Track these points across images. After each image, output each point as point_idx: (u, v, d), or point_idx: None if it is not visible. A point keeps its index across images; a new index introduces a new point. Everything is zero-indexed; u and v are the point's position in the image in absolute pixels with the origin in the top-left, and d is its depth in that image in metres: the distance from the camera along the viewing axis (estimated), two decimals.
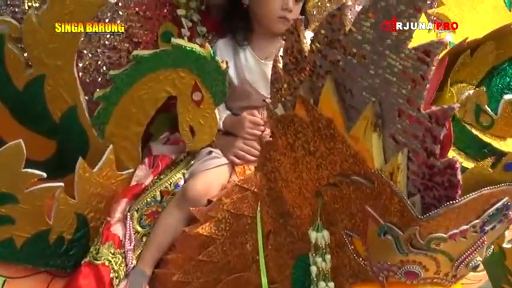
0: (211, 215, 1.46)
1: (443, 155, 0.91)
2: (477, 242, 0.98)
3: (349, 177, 1.02)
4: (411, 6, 0.83)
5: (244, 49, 1.71)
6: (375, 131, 0.96)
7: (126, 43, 1.83)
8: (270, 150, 1.21)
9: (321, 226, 1.10)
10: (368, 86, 0.95)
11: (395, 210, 0.96)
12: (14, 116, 1.53)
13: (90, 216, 1.60)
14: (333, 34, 0.97)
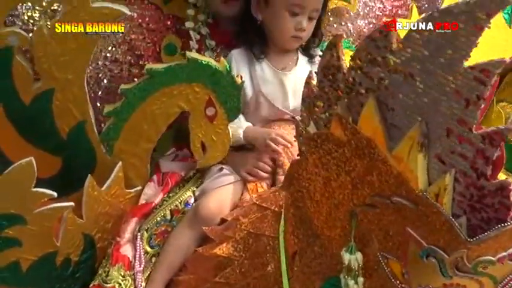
0: (228, 235, 1.42)
1: (494, 177, 0.90)
2: None
3: (390, 198, 1.00)
4: (472, 25, 0.82)
5: (260, 61, 1.71)
6: (420, 152, 0.94)
7: (129, 56, 1.82)
8: (299, 169, 1.19)
9: (355, 248, 1.08)
10: (414, 105, 0.94)
11: (440, 233, 0.95)
12: (19, 132, 1.50)
13: (97, 236, 1.58)
14: (378, 51, 0.96)
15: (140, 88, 1.50)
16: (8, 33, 1.39)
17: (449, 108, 0.89)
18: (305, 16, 1.64)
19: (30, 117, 1.48)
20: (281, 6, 1.63)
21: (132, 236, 1.56)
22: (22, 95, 1.46)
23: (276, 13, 1.65)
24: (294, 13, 1.63)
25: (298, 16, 1.64)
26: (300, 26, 1.64)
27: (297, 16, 1.64)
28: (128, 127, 1.55)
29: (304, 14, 1.64)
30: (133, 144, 1.58)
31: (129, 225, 1.56)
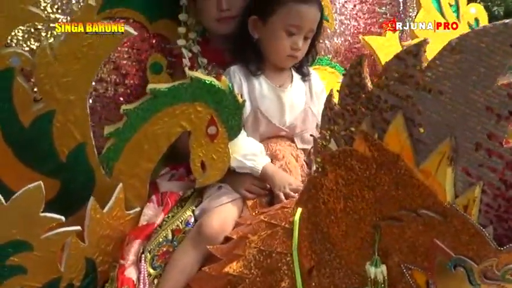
0: (237, 253, 1.43)
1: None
2: None
3: (416, 211, 1.05)
4: (508, 44, 0.88)
5: (257, 77, 1.74)
6: (449, 166, 1.00)
7: (114, 75, 1.83)
8: (317, 185, 1.22)
9: (379, 261, 1.13)
10: (442, 121, 1.00)
11: (469, 243, 1.00)
12: (17, 155, 1.47)
13: (98, 260, 1.57)
14: (406, 70, 1.02)
15: (143, 108, 1.51)
16: (10, 54, 1.37)
17: (479, 123, 0.96)
18: (301, 36, 1.71)
19: (28, 140, 1.47)
20: (279, 26, 1.68)
21: (136, 258, 1.56)
22: (21, 117, 1.45)
23: (274, 33, 1.70)
24: (291, 33, 1.69)
25: (295, 36, 1.70)
26: (296, 46, 1.70)
27: (294, 36, 1.70)
28: (128, 147, 1.55)
29: (300, 34, 1.70)
30: (133, 165, 1.58)
31: (132, 247, 1.56)
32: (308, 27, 1.72)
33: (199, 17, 1.87)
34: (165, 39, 1.93)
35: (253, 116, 1.72)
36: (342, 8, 2.27)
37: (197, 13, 1.86)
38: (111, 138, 1.54)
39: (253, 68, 1.74)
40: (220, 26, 1.81)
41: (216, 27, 1.83)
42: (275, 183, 1.63)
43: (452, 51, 0.95)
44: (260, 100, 1.73)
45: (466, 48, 0.94)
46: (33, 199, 1.36)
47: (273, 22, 1.70)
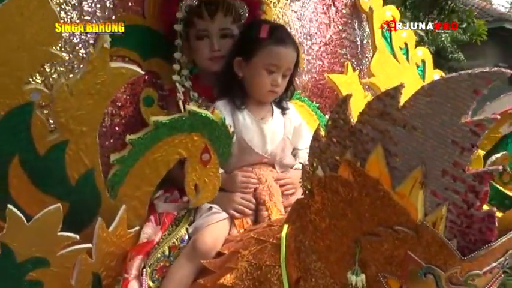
0: (230, 266, 1.45)
1: (481, 207, 1.04)
2: (497, 275, 1.12)
3: (392, 227, 1.11)
4: (471, 90, 0.97)
5: (242, 111, 1.77)
6: (421, 189, 1.07)
7: (110, 106, 1.81)
8: (305, 206, 1.28)
9: (359, 270, 1.18)
10: (414, 152, 1.07)
11: (437, 254, 1.06)
12: (31, 180, 1.47)
13: (103, 274, 1.56)
14: (385, 108, 1.08)
15: (147, 138, 1.52)
16: (31, 90, 1.38)
17: (446, 154, 1.03)
18: (280, 74, 1.75)
19: (43, 167, 1.47)
20: (260, 65, 1.73)
21: (138, 273, 1.55)
22: (38, 146, 1.44)
23: (256, 71, 1.75)
24: (271, 71, 1.74)
25: (274, 74, 1.74)
26: (276, 83, 1.74)
27: (273, 74, 1.74)
28: (132, 173, 1.55)
29: (279, 72, 1.75)
30: (135, 189, 1.58)
31: (135, 262, 1.55)
32: (286, 66, 1.76)
33: (192, 56, 1.91)
34: (157, 75, 1.95)
35: (238, 145, 1.73)
36: (309, 49, 2.32)
37: (190, 52, 1.90)
38: (117, 165, 1.53)
39: (238, 103, 1.77)
40: (212, 64, 1.86)
41: (208, 65, 1.86)
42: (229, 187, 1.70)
43: (424, 94, 1.03)
44: (244, 131, 1.74)
45: (436, 92, 1.02)
46: (52, 220, 1.37)
47: (255, 62, 1.74)
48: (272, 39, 1.74)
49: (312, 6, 2.34)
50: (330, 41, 2.41)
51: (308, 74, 2.33)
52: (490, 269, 1.08)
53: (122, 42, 1.84)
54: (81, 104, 1.43)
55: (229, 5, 1.86)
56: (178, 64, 1.87)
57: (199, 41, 1.86)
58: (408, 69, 2.40)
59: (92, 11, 1.78)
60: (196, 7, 1.84)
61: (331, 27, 2.40)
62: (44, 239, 1.39)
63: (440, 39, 9.61)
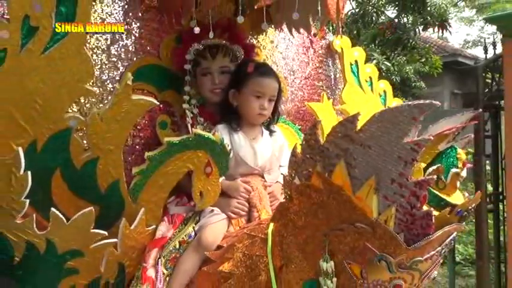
0: (227, 256, 1.49)
1: (421, 208, 1.10)
2: (436, 261, 1.18)
3: (353, 224, 1.16)
4: (411, 117, 1.04)
5: (237, 132, 1.81)
6: (375, 194, 1.12)
7: (132, 129, 1.82)
8: (286, 208, 1.31)
9: (328, 258, 1.21)
10: (369, 165, 1.12)
11: (388, 245, 1.11)
12: (70, 189, 1.50)
13: (126, 263, 1.57)
14: (346, 131, 1.13)
15: (161, 154, 1.55)
16: (70, 118, 1.41)
17: (393, 166, 1.09)
18: (266, 99, 1.80)
19: (79, 178, 1.49)
20: (249, 93, 1.78)
21: (154, 262, 1.57)
22: (75, 162, 1.47)
23: (246, 98, 1.80)
24: (258, 97, 1.78)
25: (261, 99, 1.79)
26: (263, 106, 1.79)
27: (260, 99, 1.79)
28: (149, 183, 1.56)
29: (265, 98, 1.79)
30: (152, 195, 1.59)
31: (151, 254, 1.58)
32: (270, 93, 1.80)
33: (198, 89, 1.94)
34: (170, 105, 1.98)
35: (234, 159, 1.76)
36: (292, 82, 2.37)
37: (197, 86, 1.93)
38: (137, 176, 1.55)
39: (234, 126, 1.81)
40: (213, 95, 1.89)
41: (210, 96, 1.90)
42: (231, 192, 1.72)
43: (376, 121, 1.09)
44: (239, 149, 1.77)
45: (385, 119, 1.08)
46: (86, 220, 1.40)
47: (245, 91, 1.79)
48: (257, 73, 1.80)
49: (294, 48, 2.39)
50: (309, 75, 2.45)
51: (292, 102, 2.37)
52: (430, 256, 1.14)
53: (142, 78, 1.89)
54: (109, 128, 1.45)
55: (227, 48, 1.92)
56: (188, 95, 1.91)
57: (203, 76, 1.90)
58: (372, 98, 2.44)
59: (118, 54, 1.84)
60: (202, 50, 1.89)
61: (310, 65, 2.45)
62: (79, 235, 1.41)
63: (405, 71, 9.65)
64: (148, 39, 1.94)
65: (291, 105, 2.37)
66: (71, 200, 1.49)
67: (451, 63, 12.78)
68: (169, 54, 1.95)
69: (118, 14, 1.88)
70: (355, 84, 2.42)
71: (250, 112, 1.81)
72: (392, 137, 1.08)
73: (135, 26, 1.91)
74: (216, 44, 1.89)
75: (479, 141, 4.16)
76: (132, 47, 1.89)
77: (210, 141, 1.58)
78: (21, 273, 1.41)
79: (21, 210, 1.32)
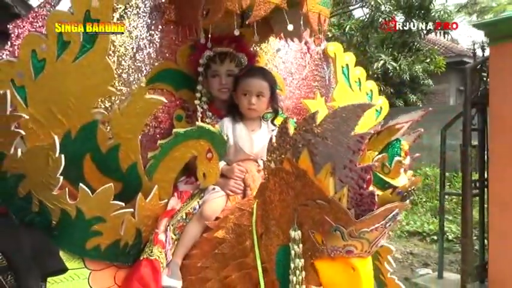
0: (222, 226, 1.58)
1: (367, 188, 1.17)
2: (382, 232, 1.24)
3: (315, 201, 1.22)
4: (355, 115, 1.12)
5: (239, 124, 1.86)
6: (331, 176, 1.19)
7: (153, 122, 1.93)
8: (265, 187, 1.37)
9: (297, 228, 1.28)
10: (326, 153, 1.18)
11: (341, 218, 1.18)
12: (98, 169, 1.58)
13: (143, 229, 1.64)
14: (308, 125, 1.20)
15: (170, 142, 1.62)
16: (96, 113, 1.51)
17: (345, 154, 1.15)
18: (253, 96, 1.83)
19: (105, 160, 1.57)
20: (240, 92, 1.85)
21: (164, 229, 1.65)
22: (101, 148, 1.55)
23: (238, 96, 1.86)
24: (245, 94, 1.84)
25: (248, 96, 1.84)
26: (250, 102, 1.83)
27: (247, 96, 1.84)
28: (161, 165, 1.64)
29: (251, 95, 1.83)
30: (164, 175, 1.66)
31: (162, 222, 1.66)
32: (255, 90, 1.83)
33: (208, 88, 2.00)
34: (185, 101, 2.04)
35: (234, 147, 1.82)
36: (291, 83, 2.39)
37: (207, 86, 1.99)
38: (152, 159, 1.63)
39: (236, 119, 1.87)
40: (221, 94, 1.95)
41: (218, 95, 1.96)
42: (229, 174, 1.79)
43: (330, 117, 1.16)
44: (239, 138, 1.83)
45: (337, 116, 1.15)
46: (107, 193, 1.49)
47: (238, 91, 1.86)
48: (244, 75, 1.86)
49: (293, 54, 2.40)
50: (306, 76, 2.46)
51: (290, 100, 2.39)
52: (375, 227, 1.20)
53: (162, 80, 1.96)
54: (128, 121, 1.54)
55: (233, 55, 1.98)
56: (200, 93, 1.97)
57: (212, 78, 1.96)
58: (360, 96, 2.44)
59: (142, 59, 1.89)
60: (213, 56, 1.96)
61: (307, 67, 2.46)
62: (102, 205, 1.49)
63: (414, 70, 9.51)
64: (167, 47, 2.00)
65: (289, 102, 2.40)
66: (99, 178, 1.58)
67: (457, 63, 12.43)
68: (184, 60, 2.02)
69: (143, 27, 1.94)
70: (345, 85, 2.42)
71: (242, 108, 1.86)
72: (342, 131, 1.15)
73: (157, 37, 1.98)
74: (225, 51, 1.97)
75: (467, 133, 4.13)
76: (154, 54, 1.95)
77: (210, 131, 1.65)
78: (57, 233, 1.50)
79: (57, 184, 1.41)
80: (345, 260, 1.25)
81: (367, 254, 1.27)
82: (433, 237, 5.77)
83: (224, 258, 1.56)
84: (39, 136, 1.47)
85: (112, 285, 1.62)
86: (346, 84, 2.44)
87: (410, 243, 5.88)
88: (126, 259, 1.65)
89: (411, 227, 6.26)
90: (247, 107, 1.86)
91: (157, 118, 1.96)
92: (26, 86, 1.44)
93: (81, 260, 1.57)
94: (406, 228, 6.25)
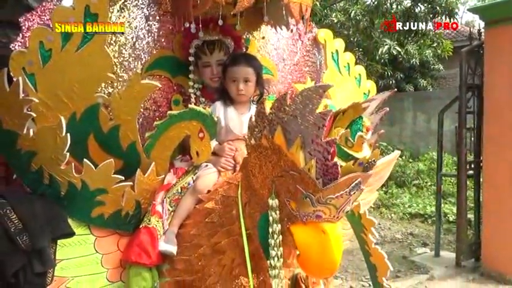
0: (212, 197, 1.70)
1: (332, 160, 1.29)
2: (347, 199, 1.35)
3: (288, 172, 1.34)
4: (318, 94, 1.25)
5: (230, 107, 1.96)
6: (301, 150, 1.30)
7: (153, 105, 2.11)
8: (247, 161, 1.49)
9: (274, 197, 1.39)
10: (297, 129, 1.30)
11: (311, 186, 1.29)
12: (101, 147, 1.70)
13: (142, 201, 1.75)
14: (281, 105, 1.32)
15: (165, 123, 1.73)
16: (98, 97, 1.63)
17: (312, 130, 1.26)
18: (240, 82, 1.94)
19: (107, 139, 1.68)
20: (228, 79, 1.97)
21: (161, 201, 1.76)
22: (103, 128, 1.66)
23: (227, 83, 1.98)
24: (233, 81, 1.96)
25: (236, 82, 1.95)
26: (238, 87, 1.94)
27: (235, 82, 1.95)
28: (157, 143, 1.74)
29: (239, 81, 1.94)
30: (161, 152, 1.75)
31: (159, 194, 1.77)
32: (242, 76, 1.93)
33: (201, 76, 2.13)
34: (182, 86, 2.18)
35: (225, 128, 1.93)
36: (283, 68, 2.49)
37: (200, 74, 2.12)
38: (149, 138, 1.73)
39: (227, 103, 1.98)
40: (212, 82, 2.09)
41: (210, 83, 2.09)
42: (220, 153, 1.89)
43: (298, 96, 1.27)
44: (229, 120, 1.94)
45: (303, 96, 1.26)
46: (108, 168, 1.61)
47: (226, 79, 1.97)
48: (230, 63, 1.97)
49: (284, 41, 2.50)
50: (297, 62, 2.55)
51: (282, 84, 2.48)
52: (340, 195, 1.32)
53: (160, 67, 2.11)
54: (126, 104, 1.66)
55: (221, 43, 2.09)
56: (192, 81, 2.11)
57: (204, 68, 2.09)
58: (349, 80, 2.55)
59: (141, 48, 2.05)
60: (201, 46, 2.07)
61: (298, 54, 2.55)
62: (104, 178, 1.61)
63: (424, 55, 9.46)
64: (165, 36, 2.13)
65: (281, 86, 2.49)
66: (102, 155, 1.70)
67: None
68: (179, 48, 2.15)
69: (141, 18, 2.08)
70: (334, 69, 2.52)
71: (232, 93, 1.99)
72: (308, 109, 1.27)
73: (154, 27, 2.12)
74: (213, 40, 2.08)
75: (462, 116, 4.21)
76: (152, 42, 2.09)
77: (201, 113, 1.77)
78: (66, 202, 1.62)
79: (64, 160, 1.54)
80: (315, 225, 1.36)
81: (336, 219, 1.38)
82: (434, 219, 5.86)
83: (214, 226, 1.67)
84: (48, 118, 1.59)
85: (115, 250, 1.75)
86: (336, 69, 2.54)
87: (411, 224, 6.00)
88: (128, 227, 1.77)
89: (413, 209, 6.36)
90: (236, 93, 1.98)
91: (157, 102, 2.12)
92: (36, 73, 1.56)
93: (87, 227, 1.69)
94: (408, 211, 6.36)
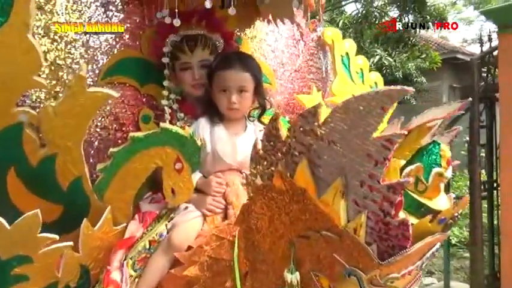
0: (194, 260, 1.24)
1: (396, 215, 0.82)
2: (416, 276, 0.90)
3: (319, 232, 0.90)
4: (379, 107, 0.76)
5: (218, 126, 1.52)
6: (342, 198, 0.85)
7: (114, 124, 1.63)
8: (248, 210, 1.05)
9: (294, 269, 0.96)
10: (335, 164, 0.85)
11: (358, 258, 0.85)
12: (27, 187, 1.25)
13: (91, 265, 1.33)
14: (308, 125, 0.87)
15: (125, 151, 1.30)
16: (19, 112, 1.17)
17: (362, 166, 0.81)
18: (233, 93, 1.48)
19: (36, 176, 1.25)
20: (216, 90, 1.50)
21: (119, 264, 1.32)
22: (30, 159, 1.22)
23: (215, 94, 1.51)
24: (224, 91, 1.49)
25: (227, 93, 1.48)
26: (230, 101, 1.48)
27: (227, 93, 1.48)
28: (115, 179, 1.32)
29: (231, 91, 1.48)
30: (120, 192, 1.34)
31: (116, 255, 1.32)
32: (235, 85, 1.48)
33: (178, 84, 1.66)
34: (153, 98, 1.71)
35: (212, 154, 1.48)
36: (282, 75, 2.08)
37: (177, 80, 1.65)
38: (103, 172, 1.31)
39: (215, 120, 1.52)
40: (194, 90, 1.61)
41: (191, 91, 1.62)
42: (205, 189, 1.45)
43: (340, 112, 0.81)
44: (218, 143, 1.48)
45: (349, 109, 0.80)
46: (32, 223, 1.14)
47: (213, 88, 1.51)
48: (219, 66, 1.49)
49: (283, 41, 2.09)
50: (299, 68, 2.15)
51: (281, 95, 2.07)
52: (408, 271, 0.86)
53: (123, 71, 1.65)
54: (64, 123, 1.20)
55: (206, 39, 1.62)
56: (167, 90, 1.63)
57: (183, 71, 1.61)
58: (363, 89, 2.12)
59: (97, 46, 1.59)
60: (179, 42, 1.60)
61: (300, 57, 2.14)
62: (25, 240, 1.17)
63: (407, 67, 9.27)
64: (130, 32, 1.68)
65: (281, 97, 2.06)
66: (31, 200, 1.24)
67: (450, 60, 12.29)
68: (150, 47, 1.68)
69: (98, 7, 1.62)
70: (345, 76, 2.11)
71: (221, 107, 1.51)
72: (359, 132, 0.80)
73: (116, 19, 1.65)
74: (194, 35, 1.60)
75: (474, 131, 3.82)
76: (113, 39, 1.64)
77: (178, 136, 1.30)
78: None
79: None
80: None
81: None
82: None
83: None
84: None
85: None
86: (347, 75, 2.13)
87: None
88: None
89: None
90: (227, 107, 1.51)
91: (118, 119, 1.66)
92: None
93: None
94: None
